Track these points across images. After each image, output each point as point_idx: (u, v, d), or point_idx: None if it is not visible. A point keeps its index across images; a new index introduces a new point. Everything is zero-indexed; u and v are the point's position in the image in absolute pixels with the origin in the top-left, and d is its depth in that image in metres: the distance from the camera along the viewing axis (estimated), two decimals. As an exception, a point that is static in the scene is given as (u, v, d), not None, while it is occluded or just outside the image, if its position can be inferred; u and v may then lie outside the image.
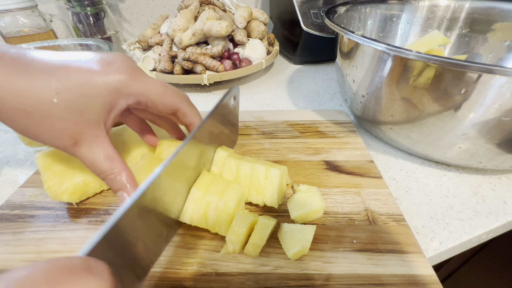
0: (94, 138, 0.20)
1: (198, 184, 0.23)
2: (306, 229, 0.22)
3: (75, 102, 0.18)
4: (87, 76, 0.18)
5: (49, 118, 0.18)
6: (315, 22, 0.56)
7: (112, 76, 0.19)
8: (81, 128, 0.19)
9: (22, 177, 0.32)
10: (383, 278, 0.20)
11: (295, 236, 0.22)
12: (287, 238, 0.22)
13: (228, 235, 0.22)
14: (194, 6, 0.52)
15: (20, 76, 0.17)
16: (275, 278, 0.21)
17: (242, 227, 0.22)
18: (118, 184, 0.21)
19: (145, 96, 0.21)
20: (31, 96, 0.17)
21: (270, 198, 0.25)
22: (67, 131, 0.19)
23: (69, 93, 0.18)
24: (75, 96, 0.18)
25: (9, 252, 0.23)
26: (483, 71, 0.22)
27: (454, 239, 0.25)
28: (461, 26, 0.45)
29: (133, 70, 0.20)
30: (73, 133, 0.19)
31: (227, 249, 0.22)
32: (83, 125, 0.19)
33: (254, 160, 0.27)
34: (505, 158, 0.27)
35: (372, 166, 0.31)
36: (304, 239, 0.22)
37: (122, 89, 0.20)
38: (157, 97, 0.21)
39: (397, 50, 0.25)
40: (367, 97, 0.32)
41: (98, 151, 0.20)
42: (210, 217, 0.23)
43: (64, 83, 0.18)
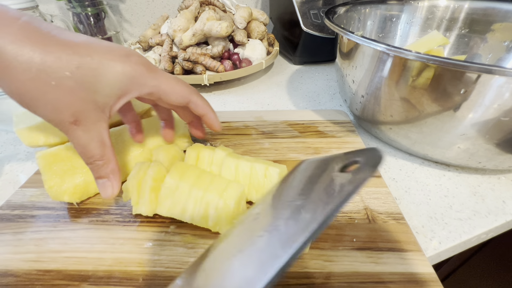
0: (95, 121, 0.19)
1: (198, 183, 0.23)
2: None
3: (89, 81, 0.18)
4: (106, 58, 0.18)
5: (57, 88, 0.17)
6: (315, 22, 0.56)
7: (130, 65, 0.19)
8: (86, 108, 0.18)
9: (22, 177, 0.32)
10: (383, 276, 0.21)
11: None
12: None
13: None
14: (194, 6, 0.52)
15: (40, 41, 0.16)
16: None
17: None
18: (103, 172, 0.21)
19: (158, 88, 0.21)
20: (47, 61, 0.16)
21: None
22: (71, 106, 0.18)
23: (86, 70, 0.18)
24: (91, 75, 0.18)
25: (10, 252, 0.23)
26: (482, 72, 0.22)
27: (454, 239, 0.25)
28: (461, 27, 0.45)
29: (149, 64, 0.21)
30: (77, 110, 0.18)
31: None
32: (90, 105, 0.19)
33: (253, 160, 0.27)
34: (504, 158, 0.27)
35: (371, 166, 0.31)
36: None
37: (138, 78, 0.20)
38: (170, 88, 0.22)
39: (397, 50, 0.26)
40: (366, 97, 0.33)
41: (94, 135, 0.20)
42: (211, 216, 0.23)
43: (84, 60, 0.17)
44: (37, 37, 0.16)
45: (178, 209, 0.23)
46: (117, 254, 0.23)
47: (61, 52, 0.17)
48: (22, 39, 0.16)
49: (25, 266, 0.22)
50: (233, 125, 0.39)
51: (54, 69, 0.16)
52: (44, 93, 0.17)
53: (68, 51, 0.17)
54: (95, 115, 0.19)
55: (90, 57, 0.18)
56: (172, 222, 0.25)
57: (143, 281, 0.21)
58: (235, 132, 0.37)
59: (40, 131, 0.28)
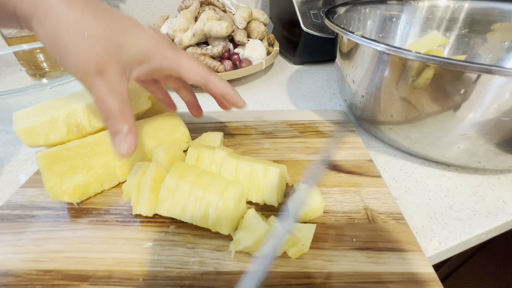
0: (117, 76, 0.20)
1: (198, 183, 0.23)
2: (306, 228, 0.22)
3: (119, 38, 0.19)
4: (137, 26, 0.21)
5: (89, 39, 0.18)
6: (315, 22, 0.56)
7: (155, 37, 0.21)
8: (111, 60, 0.19)
9: (22, 177, 0.32)
10: (383, 276, 0.21)
11: (295, 235, 0.22)
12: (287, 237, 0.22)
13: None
14: (194, 6, 0.52)
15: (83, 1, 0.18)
16: (276, 276, 0.21)
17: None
18: (119, 126, 0.20)
19: (178, 62, 0.23)
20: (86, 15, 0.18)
21: (269, 197, 0.25)
22: (98, 56, 0.19)
23: (118, 29, 0.19)
24: (121, 33, 0.20)
25: (10, 252, 0.23)
26: (482, 72, 0.22)
27: (454, 239, 0.25)
28: (461, 27, 0.45)
29: (172, 43, 0.23)
30: (103, 61, 0.19)
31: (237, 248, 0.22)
32: (114, 59, 0.20)
33: (253, 160, 0.27)
34: (504, 158, 0.27)
35: (371, 165, 0.31)
36: (304, 237, 0.22)
37: (160, 49, 0.22)
38: (189, 65, 0.23)
39: (397, 50, 0.26)
40: (366, 97, 0.33)
41: (114, 88, 0.20)
42: (211, 216, 0.23)
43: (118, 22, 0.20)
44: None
45: (178, 209, 0.23)
46: (117, 254, 0.23)
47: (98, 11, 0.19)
48: None
49: (25, 266, 0.22)
50: (233, 125, 0.39)
51: (90, 23, 0.18)
52: (77, 41, 0.18)
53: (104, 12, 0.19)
54: (118, 70, 0.20)
55: (121, 20, 0.20)
56: (172, 222, 0.25)
57: (143, 281, 0.21)
58: (235, 132, 0.37)
59: (40, 131, 0.28)
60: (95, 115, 0.30)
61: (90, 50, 0.18)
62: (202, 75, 0.24)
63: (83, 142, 0.28)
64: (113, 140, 0.21)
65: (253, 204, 0.27)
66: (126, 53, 0.20)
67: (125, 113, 0.20)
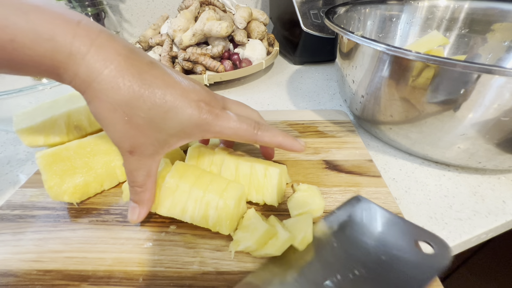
0: (150, 155, 0.21)
1: (198, 183, 0.23)
2: (304, 218, 0.23)
3: (158, 121, 0.19)
4: (178, 103, 0.19)
5: (127, 123, 0.19)
6: (315, 22, 0.56)
7: (198, 113, 0.20)
8: (146, 143, 0.20)
9: (22, 177, 0.32)
10: (382, 277, 0.21)
11: (296, 227, 0.22)
12: (289, 230, 0.22)
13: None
14: (194, 6, 0.52)
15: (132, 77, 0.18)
16: (276, 277, 0.21)
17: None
18: (137, 197, 0.22)
19: (220, 134, 0.22)
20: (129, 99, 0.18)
21: (269, 197, 0.25)
22: (132, 139, 0.20)
23: (158, 112, 0.19)
24: (161, 117, 0.19)
25: (10, 252, 0.23)
26: (482, 72, 0.22)
27: (454, 239, 0.25)
28: (461, 27, 0.45)
29: (216, 111, 0.21)
30: (137, 143, 0.20)
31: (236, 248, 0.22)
32: (150, 141, 0.20)
33: (253, 160, 0.27)
34: (504, 158, 0.27)
35: (371, 165, 0.31)
36: (305, 226, 0.22)
37: (202, 126, 0.21)
38: (233, 135, 0.22)
39: (397, 50, 0.26)
40: (366, 97, 0.33)
41: (143, 165, 0.21)
42: (211, 216, 0.23)
43: (159, 102, 0.19)
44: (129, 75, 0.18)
45: (178, 209, 0.23)
46: (117, 254, 0.23)
47: (142, 92, 0.18)
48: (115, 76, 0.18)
49: (25, 266, 0.22)
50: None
51: (131, 107, 0.18)
52: (116, 123, 0.19)
53: (148, 91, 0.19)
54: (151, 150, 0.21)
55: (164, 99, 0.19)
56: (172, 222, 0.25)
57: (143, 281, 0.21)
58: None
59: (40, 131, 0.28)
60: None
61: (127, 133, 0.19)
62: (248, 139, 0.23)
63: (83, 142, 0.28)
64: (130, 205, 0.23)
65: (253, 204, 0.27)
66: (164, 134, 0.20)
67: (146, 187, 0.22)
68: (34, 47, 0.16)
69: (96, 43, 0.17)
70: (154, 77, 0.19)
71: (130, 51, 0.19)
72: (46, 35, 0.16)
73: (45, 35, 0.16)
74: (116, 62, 0.18)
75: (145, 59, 0.19)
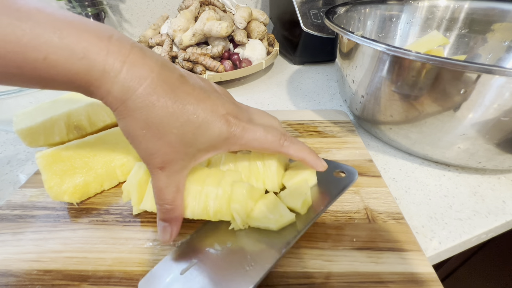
0: (179, 170, 0.21)
1: (195, 179, 0.23)
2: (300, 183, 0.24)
3: (189, 137, 0.19)
4: (208, 118, 0.20)
5: (159, 140, 0.19)
6: (315, 22, 0.56)
7: (227, 127, 0.20)
8: (176, 158, 0.20)
9: (22, 177, 0.32)
10: (382, 276, 0.21)
11: (294, 193, 0.23)
12: (288, 198, 0.23)
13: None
14: (194, 6, 0.52)
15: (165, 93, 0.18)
16: (275, 276, 0.21)
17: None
18: (168, 216, 0.22)
19: (247, 146, 0.22)
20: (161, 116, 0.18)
21: (270, 183, 0.25)
22: (164, 156, 0.20)
23: (189, 128, 0.19)
24: (192, 132, 0.19)
25: (10, 252, 0.23)
26: (482, 72, 0.22)
27: (454, 239, 0.25)
28: (461, 27, 0.45)
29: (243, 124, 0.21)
30: (167, 159, 0.20)
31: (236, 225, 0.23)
32: (180, 156, 0.20)
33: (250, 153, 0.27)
34: (504, 158, 0.27)
35: (371, 165, 0.31)
36: (304, 190, 0.23)
37: (230, 139, 0.21)
38: (258, 146, 0.22)
39: (397, 50, 0.26)
40: (366, 97, 0.33)
41: (173, 181, 0.21)
42: (211, 207, 0.23)
43: (191, 118, 0.19)
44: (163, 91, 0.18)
45: None
46: (117, 254, 0.23)
47: (175, 109, 0.18)
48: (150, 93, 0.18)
49: (25, 266, 0.22)
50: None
51: (164, 125, 0.18)
52: (147, 141, 0.19)
53: (180, 107, 0.19)
54: (181, 165, 0.21)
55: (196, 115, 0.19)
56: (172, 222, 0.25)
57: (143, 281, 0.21)
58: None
59: (40, 131, 0.28)
60: (95, 115, 0.30)
61: (159, 150, 0.19)
62: (274, 148, 0.23)
63: (83, 142, 0.28)
64: (159, 224, 0.22)
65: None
66: (194, 148, 0.20)
67: (176, 204, 0.22)
68: (67, 65, 0.16)
69: (129, 60, 0.17)
70: (186, 93, 0.19)
71: (161, 66, 0.19)
72: (79, 53, 0.16)
73: (78, 53, 0.16)
74: (149, 79, 0.18)
75: (175, 73, 0.19)
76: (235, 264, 0.20)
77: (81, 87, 0.17)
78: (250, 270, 0.20)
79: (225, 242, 0.22)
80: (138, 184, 0.24)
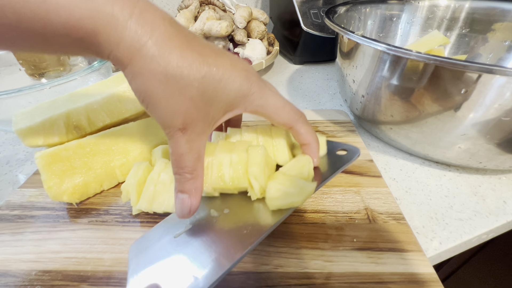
0: (200, 133, 0.19)
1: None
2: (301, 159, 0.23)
3: (210, 92, 0.18)
4: (229, 72, 0.18)
5: (181, 95, 0.17)
6: (315, 22, 0.56)
7: (247, 82, 0.19)
8: (198, 118, 0.18)
9: (22, 177, 0.32)
10: (383, 276, 0.20)
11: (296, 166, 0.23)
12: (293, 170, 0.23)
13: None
14: (194, 6, 0.52)
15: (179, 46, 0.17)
16: (276, 277, 0.21)
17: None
18: (187, 186, 0.19)
19: (263, 108, 0.21)
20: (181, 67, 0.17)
21: (281, 156, 0.24)
22: (186, 114, 0.18)
23: (210, 81, 0.18)
24: (213, 86, 0.18)
25: (9, 252, 0.23)
26: (483, 71, 0.22)
27: (454, 239, 0.25)
28: (461, 26, 0.45)
29: (262, 84, 0.21)
30: (189, 118, 0.18)
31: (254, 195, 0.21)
32: (201, 116, 0.19)
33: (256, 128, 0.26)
34: (505, 158, 0.27)
35: (371, 165, 0.31)
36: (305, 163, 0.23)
37: (249, 96, 0.20)
38: (274, 112, 0.21)
39: (397, 50, 0.25)
40: (367, 97, 0.32)
41: (194, 146, 0.19)
42: (226, 174, 0.21)
43: (211, 70, 0.18)
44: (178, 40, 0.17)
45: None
46: (117, 255, 0.22)
47: (194, 59, 0.17)
48: (165, 40, 0.16)
49: (25, 266, 0.22)
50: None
51: (184, 76, 0.17)
52: (168, 97, 0.17)
53: (199, 59, 0.17)
54: (202, 127, 0.19)
55: (216, 67, 0.18)
56: (172, 222, 0.25)
57: (143, 281, 0.20)
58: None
59: (40, 131, 0.28)
60: (94, 115, 0.30)
61: (180, 107, 0.17)
62: (287, 123, 0.22)
63: (82, 142, 0.28)
64: (177, 196, 0.20)
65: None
66: (214, 108, 0.19)
67: (197, 172, 0.20)
68: (69, 8, 0.14)
69: (139, 6, 0.15)
70: (202, 46, 0.18)
71: (171, 18, 0.17)
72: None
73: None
74: (163, 27, 0.16)
75: (184, 28, 0.18)
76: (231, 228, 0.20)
77: (86, 39, 0.15)
78: (247, 234, 0.19)
79: (222, 209, 0.21)
80: (137, 184, 0.24)
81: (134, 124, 0.30)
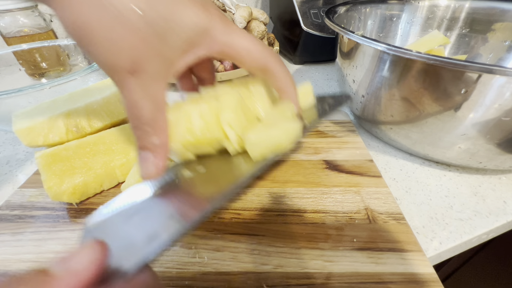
0: (154, 76, 0.16)
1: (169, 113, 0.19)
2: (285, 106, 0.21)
3: (160, 24, 0.15)
4: (182, 4, 0.16)
5: (123, 25, 0.14)
6: (315, 22, 0.56)
7: (205, 14, 0.16)
8: (149, 56, 0.15)
9: (22, 177, 0.32)
10: (383, 277, 0.20)
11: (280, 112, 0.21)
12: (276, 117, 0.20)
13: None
14: (194, 6, 0.52)
15: None
16: (276, 277, 0.21)
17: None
18: (149, 141, 0.17)
19: (230, 46, 0.18)
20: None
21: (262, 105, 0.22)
22: (133, 50, 0.15)
23: (160, 10, 0.15)
24: (163, 17, 0.15)
25: (9, 253, 0.23)
26: (483, 71, 0.22)
27: (454, 239, 0.25)
28: (461, 26, 0.45)
29: (224, 17, 0.18)
30: (138, 56, 0.15)
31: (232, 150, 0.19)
32: (153, 54, 0.15)
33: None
34: (505, 158, 0.27)
35: (371, 165, 0.31)
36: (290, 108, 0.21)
37: (210, 31, 0.17)
38: (243, 48, 0.18)
39: (397, 50, 0.25)
40: (367, 97, 0.32)
41: (149, 92, 0.16)
42: (196, 124, 0.18)
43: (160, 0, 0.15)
44: None
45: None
46: (117, 255, 0.22)
47: None
48: None
49: (25, 266, 0.22)
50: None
51: (126, 3, 0.14)
52: (106, 28, 0.14)
53: None
54: (156, 68, 0.16)
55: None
56: (172, 222, 0.25)
57: (143, 281, 0.20)
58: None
59: (39, 131, 0.28)
60: (94, 115, 0.30)
61: (123, 41, 0.14)
62: (261, 61, 0.19)
63: (82, 142, 0.28)
64: (139, 156, 0.17)
65: None
66: (168, 45, 0.16)
67: (159, 124, 0.17)
68: None
69: None
70: None
71: None
72: None
73: None
74: None
75: None
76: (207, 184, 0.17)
77: None
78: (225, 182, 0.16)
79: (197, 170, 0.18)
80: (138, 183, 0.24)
81: (134, 124, 0.30)
